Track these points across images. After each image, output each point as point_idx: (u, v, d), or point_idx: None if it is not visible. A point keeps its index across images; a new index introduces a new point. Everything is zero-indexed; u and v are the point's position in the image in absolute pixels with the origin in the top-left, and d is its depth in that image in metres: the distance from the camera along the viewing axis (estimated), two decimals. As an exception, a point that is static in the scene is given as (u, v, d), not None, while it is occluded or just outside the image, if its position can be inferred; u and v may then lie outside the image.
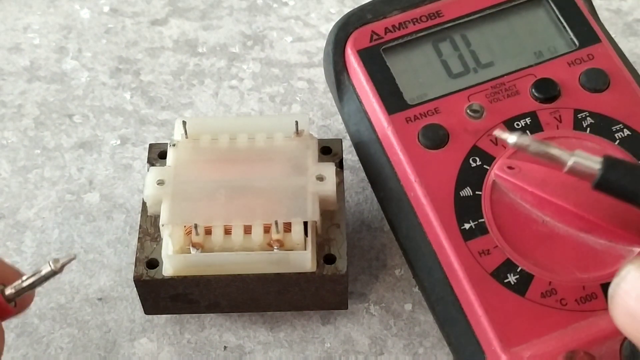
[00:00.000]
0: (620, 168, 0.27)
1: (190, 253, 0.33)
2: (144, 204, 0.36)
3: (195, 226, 0.33)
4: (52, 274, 0.29)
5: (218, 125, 0.37)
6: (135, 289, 0.35)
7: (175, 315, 0.37)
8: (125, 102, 0.45)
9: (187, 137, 0.36)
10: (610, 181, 0.27)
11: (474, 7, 0.38)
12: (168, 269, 0.34)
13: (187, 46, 0.47)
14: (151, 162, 0.37)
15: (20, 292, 0.29)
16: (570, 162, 0.28)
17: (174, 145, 0.36)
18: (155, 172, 0.35)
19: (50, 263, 0.29)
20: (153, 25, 0.48)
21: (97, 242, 0.40)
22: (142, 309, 0.36)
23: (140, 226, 0.36)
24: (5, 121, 0.44)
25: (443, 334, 0.34)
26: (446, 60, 0.37)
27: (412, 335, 0.37)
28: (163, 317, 0.38)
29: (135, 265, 0.34)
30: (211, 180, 0.35)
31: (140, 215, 0.36)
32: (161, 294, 0.35)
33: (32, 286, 0.29)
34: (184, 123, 0.36)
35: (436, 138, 0.35)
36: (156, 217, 0.35)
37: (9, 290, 0.29)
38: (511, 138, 0.29)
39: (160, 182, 0.35)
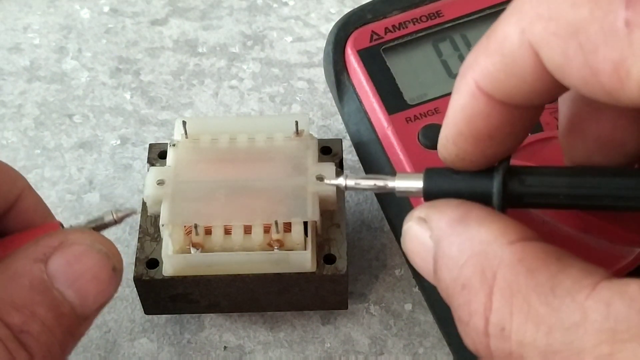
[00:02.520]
0: (439, 177, 0.28)
1: (190, 253, 0.33)
2: (144, 204, 0.36)
3: (195, 226, 0.33)
4: (113, 222, 0.31)
5: (218, 125, 0.37)
6: (135, 289, 0.35)
7: (175, 315, 0.37)
8: (125, 102, 0.45)
9: (187, 137, 0.36)
10: (435, 192, 0.28)
11: (474, 7, 0.38)
12: (168, 269, 0.34)
13: (187, 46, 0.47)
14: (151, 162, 0.37)
15: None
16: (395, 186, 0.29)
17: (174, 145, 0.36)
18: (155, 172, 0.35)
19: (113, 212, 0.30)
20: (153, 25, 0.48)
21: (97, 242, 0.40)
22: (142, 309, 0.36)
23: (140, 226, 0.36)
24: (5, 121, 0.44)
25: (443, 334, 0.34)
26: (446, 60, 0.37)
27: (412, 335, 0.37)
28: (163, 317, 0.38)
29: (135, 265, 0.34)
30: (211, 180, 0.35)
31: (140, 215, 0.36)
32: (161, 294, 0.35)
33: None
34: (184, 123, 0.36)
35: (436, 138, 0.34)
36: (156, 217, 0.35)
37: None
38: (340, 181, 0.29)
39: (160, 182, 0.35)
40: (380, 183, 0.29)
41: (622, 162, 0.27)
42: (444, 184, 0.28)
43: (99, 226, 0.31)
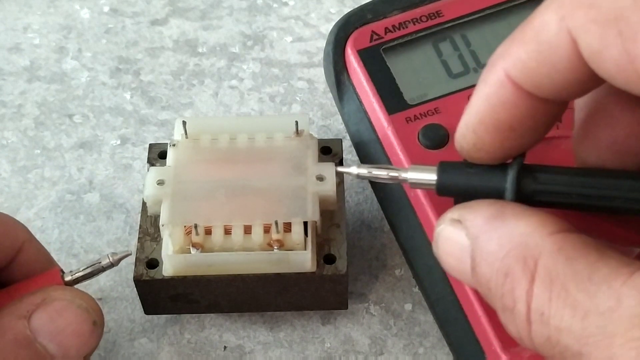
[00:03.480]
0: (453, 170, 0.28)
1: (190, 253, 0.33)
2: (144, 204, 0.36)
3: (195, 226, 0.33)
4: (110, 266, 0.32)
5: (218, 125, 0.37)
6: (135, 289, 0.35)
7: (175, 315, 0.37)
8: (125, 102, 0.45)
9: (187, 137, 0.36)
10: (448, 186, 0.28)
11: (474, 7, 0.38)
12: (168, 269, 0.34)
13: (187, 46, 0.47)
14: (151, 162, 0.37)
15: (80, 279, 0.32)
16: (408, 178, 0.29)
17: (174, 145, 0.36)
18: (155, 172, 0.35)
19: (109, 256, 0.32)
20: (153, 25, 0.48)
21: (97, 242, 0.40)
22: (142, 309, 0.36)
23: (140, 226, 0.36)
24: (5, 121, 0.44)
25: (443, 334, 0.34)
26: (446, 60, 0.37)
27: (412, 335, 0.37)
28: (163, 317, 0.38)
29: (135, 265, 0.34)
30: (211, 180, 0.35)
31: (140, 215, 0.36)
32: (161, 294, 0.35)
33: (90, 275, 0.32)
34: (184, 123, 0.36)
35: (436, 138, 0.35)
36: (156, 217, 0.35)
37: (68, 277, 0.32)
38: (352, 170, 0.30)
39: (160, 182, 0.35)
40: (393, 173, 0.29)
41: (635, 169, 0.28)
42: (457, 178, 0.28)
43: (96, 270, 0.32)
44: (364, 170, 0.30)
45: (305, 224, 0.34)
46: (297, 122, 0.36)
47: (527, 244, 0.24)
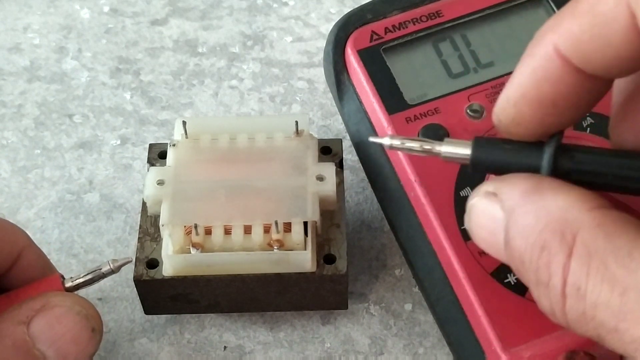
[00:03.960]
0: (489, 145, 0.28)
1: (190, 253, 0.33)
2: (144, 204, 0.36)
3: (195, 226, 0.33)
4: (110, 272, 0.32)
5: (218, 125, 0.37)
6: (135, 289, 0.35)
7: (175, 315, 0.37)
8: (125, 102, 0.45)
9: (187, 137, 0.36)
10: (483, 161, 0.28)
11: (474, 7, 0.38)
12: (168, 269, 0.34)
13: (187, 46, 0.47)
14: (151, 162, 0.37)
15: (80, 285, 0.32)
16: (442, 151, 0.29)
17: (174, 145, 0.36)
18: (155, 172, 0.35)
19: (110, 263, 0.32)
20: (153, 25, 0.48)
21: (97, 242, 0.40)
22: (142, 309, 0.36)
23: (140, 226, 0.36)
24: (5, 121, 0.44)
25: (443, 334, 0.34)
26: (446, 60, 0.37)
27: (412, 335, 0.37)
28: (163, 317, 0.38)
29: (135, 265, 0.34)
30: (211, 180, 0.35)
31: (140, 215, 0.36)
32: (161, 294, 0.35)
33: (91, 282, 0.32)
34: (184, 123, 0.36)
35: (436, 138, 0.35)
36: (156, 217, 0.35)
37: (68, 283, 0.32)
38: (385, 140, 0.30)
39: (160, 182, 0.35)
40: (426, 146, 0.29)
41: None
42: (493, 153, 0.27)
43: (97, 276, 0.32)
44: (397, 142, 0.30)
45: (305, 224, 0.34)
46: (297, 122, 0.36)
47: (565, 218, 0.24)
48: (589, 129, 0.34)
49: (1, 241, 0.32)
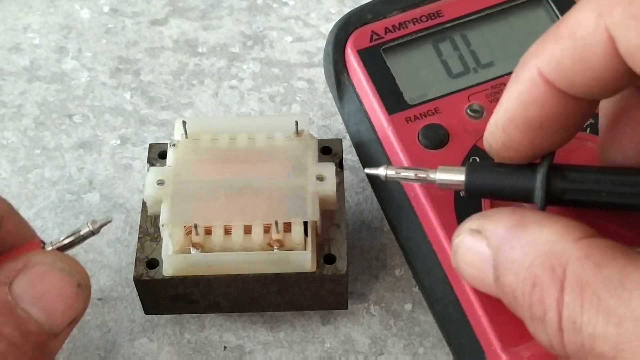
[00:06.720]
0: (482, 170, 0.28)
1: (190, 253, 0.33)
2: (144, 204, 0.36)
3: (195, 226, 0.33)
4: (90, 234, 0.31)
5: (218, 125, 0.37)
6: (135, 289, 0.35)
7: (175, 315, 0.37)
8: (125, 102, 0.45)
9: (187, 137, 0.36)
10: (477, 186, 0.28)
11: (474, 7, 0.38)
12: (168, 269, 0.34)
13: (187, 46, 0.47)
14: (151, 162, 0.37)
15: (60, 249, 0.31)
16: (437, 179, 0.29)
17: (174, 145, 0.36)
18: (155, 172, 0.35)
19: (89, 224, 0.31)
20: (153, 25, 0.48)
21: (97, 242, 0.40)
22: (142, 309, 0.36)
23: (140, 226, 0.36)
24: (5, 121, 0.44)
25: (443, 334, 0.34)
26: (446, 60, 0.37)
27: (412, 335, 0.37)
28: (163, 317, 0.38)
29: (135, 265, 0.34)
30: (211, 180, 0.35)
31: (140, 215, 0.36)
32: (161, 294, 0.35)
33: (71, 245, 0.31)
34: (184, 123, 0.36)
35: (436, 138, 0.35)
36: (156, 217, 0.35)
37: (48, 248, 0.31)
38: (380, 171, 0.31)
39: (160, 182, 0.35)
40: (421, 174, 0.29)
41: None
42: (486, 177, 0.28)
43: (77, 238, 0.31)
44: (392, 172, 0.30)
45: (305, 224, 0.34)
46: (297, 122, 0.36)
47: (553, 251, 0.24)
48: (588, 129, 0.34)
49: None
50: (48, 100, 0.45)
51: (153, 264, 0.34)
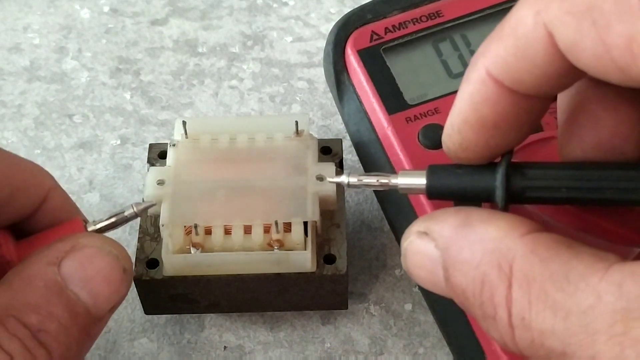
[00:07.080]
0: (442, 173, 0.28)
1: (190, 253, 0.33)
2: (144, 204, 0.36)
3: (195, 226, 0.33)
4: (134, 216, 0.32)
5: (218, 125, 0.37)
6: (135, 289, 0.35)
7: (175, 315, 0.37)
8: (125, 102, 0.45)
9: (187, 137, 0.36)
10: (438, 188, 0.28)
11: (474, 7, 0.38)
12: (168, 269, 0.34)
13: (187, 46, 0.47)
14: (151, 162, 0.37)
15: (102, 230, 0.31)
16: (398, 183, 0.29)
17: (174, 145, 0.36)
18: (155, 172, 0.35)
19: (133, 206, 0.31)
20: (153, 25, 0.48)
21: (97, 242, 0.40)
22: (142, 309, 0.36)
23: (140, 226, 0.36)
24: (5, 121, 0.44)
25: (443, 334, 0.34)
26: (446, 60, 0.37)
27: (412, 335, 0.37)
28: (163, 317, 0.38)
29: (135, 265, 0.34)
30: (211, 180, 0.35)
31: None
32: (161, 294, 0.35)
33: (113, 226, 0.31)
34: (184, 123, 0.36)
35: (436, 138, 0.35)
36: (156, 217, 0.35)
37: (91, 227, 0.31)
38: (343, 179, 0.30)
39: (160, 182, 0.35)
40: (383, 180, 0.29)
41: None
42: (447, 180, 0.28)
43: (120, 219, 0.31)
44: (353, 179, 0.30)
45: (305, 224, 0.34)
46: (297, 122, 0.36)
47: (499, 248, 0.24)
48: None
49: (27, 183, 0.31)
50: (48, 100, 0.45)
51: (153, 264, 0.34)
